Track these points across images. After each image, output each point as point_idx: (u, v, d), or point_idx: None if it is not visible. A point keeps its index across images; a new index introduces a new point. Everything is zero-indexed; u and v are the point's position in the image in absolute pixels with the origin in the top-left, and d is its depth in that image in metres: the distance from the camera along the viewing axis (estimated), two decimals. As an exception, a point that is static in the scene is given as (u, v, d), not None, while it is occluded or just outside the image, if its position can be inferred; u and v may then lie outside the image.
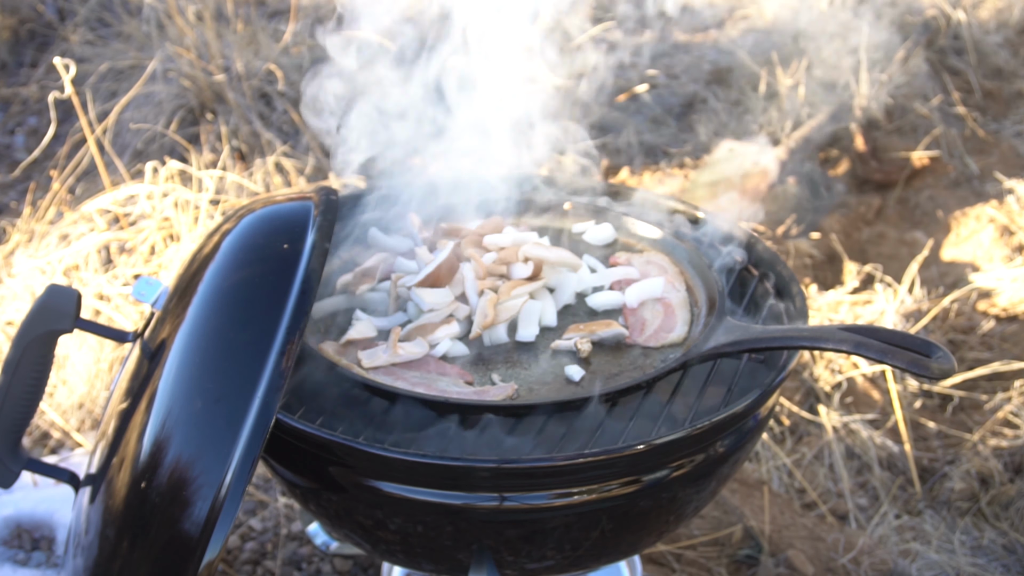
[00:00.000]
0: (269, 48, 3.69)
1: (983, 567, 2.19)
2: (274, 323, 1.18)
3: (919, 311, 2.86)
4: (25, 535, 2.07)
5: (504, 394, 1.29)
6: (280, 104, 3.48)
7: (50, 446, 2.42)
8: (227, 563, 2.04)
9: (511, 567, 1.29)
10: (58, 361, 2.51)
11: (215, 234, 1.40)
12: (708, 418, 1.23)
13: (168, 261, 2.69)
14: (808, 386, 2.65)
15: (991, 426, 2.57)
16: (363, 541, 1.34)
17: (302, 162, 3.24)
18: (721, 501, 2.20)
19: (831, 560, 2.12)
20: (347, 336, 1.40)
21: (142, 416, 1.24)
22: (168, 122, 3.39)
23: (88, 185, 3.22)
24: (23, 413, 1.40)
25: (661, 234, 1.64)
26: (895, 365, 1.21)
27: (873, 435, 2.51)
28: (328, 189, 1.38)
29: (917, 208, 3.59)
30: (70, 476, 1.42)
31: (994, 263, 3.25)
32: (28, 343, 1.36)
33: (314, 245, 1.26)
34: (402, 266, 1.52)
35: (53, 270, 2.71)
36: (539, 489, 1.20)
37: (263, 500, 2.18)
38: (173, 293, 1.37)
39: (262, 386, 1.13)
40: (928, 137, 3.76)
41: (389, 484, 1.22)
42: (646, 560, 2.07)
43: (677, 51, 4.20)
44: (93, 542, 1.25)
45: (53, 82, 3.88)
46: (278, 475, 1.35)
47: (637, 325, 1.45)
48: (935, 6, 4.26)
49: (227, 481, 1.10)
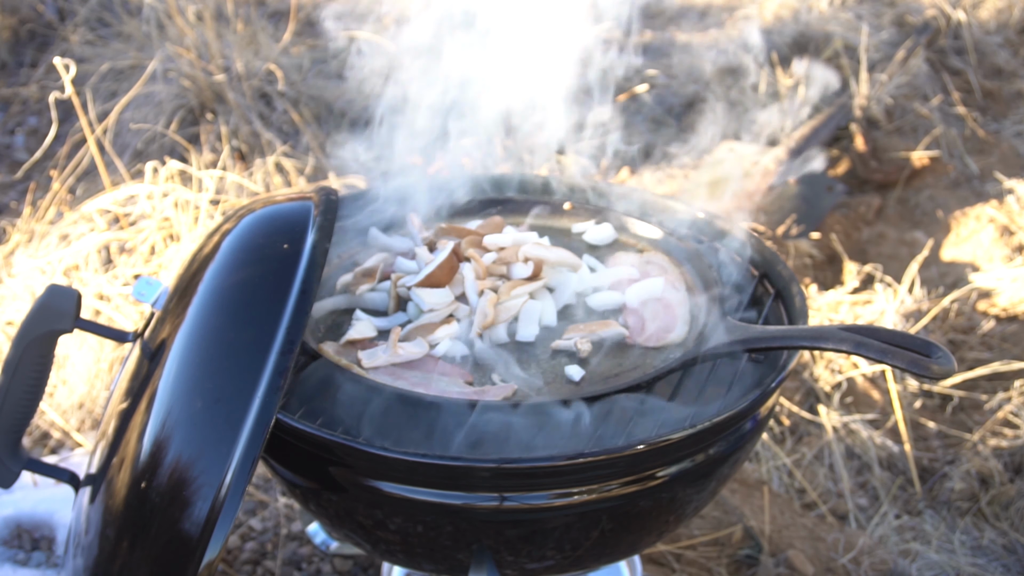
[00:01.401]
0: (269, 48, 3.69)
1: (983, 567, 2.19)
2: (274, 323, 1.18)
3: (919, 311, 2.86)
4: (25, 535, 2.07)
5: (504, 394, 1.29)
6: (280, 104, 3.48)
7: (50, 446, 2.42)
8: (227, 563, 2.04)
9: (511, 567, 1.29)
10: (58, 361, 2.51)
11: (215, 234, 1.40)
12: (708, 418, 1.23)
13: (168, 261, 2.69)
14: (808, 386, 2.65)
15: (991, 426, 2.57)
16: (363, 541, 1.34)
17: (302, 162, 3.24)
18: (721, 501, 2.20)
19: (831, 560, 2.12)
20: (347, 336, 1.40)
21: (142, 416, 1.24)
22: (168, 122, 3.39)
23: (88, 185, 3.22)
24: (23, 413, 1.40)
25: (661, 234, 1.64)
26: (895, 365, 1.21)
27: (873, 435, 2.51)
28: (328, 189, 1.38)
29: (917, 208, 3.59)
30: (70, 476, 1.42)
31: (994, 263, 3.25)
32: (28, 343, 1.36)
33: (314, 245, 1.26)
34: (402, 266, 1.52)
35: (53, 270, 2.71)
36: (539, 489, 1.20)
37: (263, 500, 2.18)
38: (173, 293, 1.37)
39: (262, 386, 1.13)
40: (928, 137, 3.76)
41: (389, 484, 1.22)
42: (646, 560, 2.07)
43: (677, 51, 4.20)
44: (93, 542, 1.25)
45: (53, 82, 3.88)
46: (278, 475, 1.35)
47: (637, 325, 1.45)
48: (935, 6, 4.27)
49: (227, 481, 1.10)
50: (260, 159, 3.22)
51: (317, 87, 3.65)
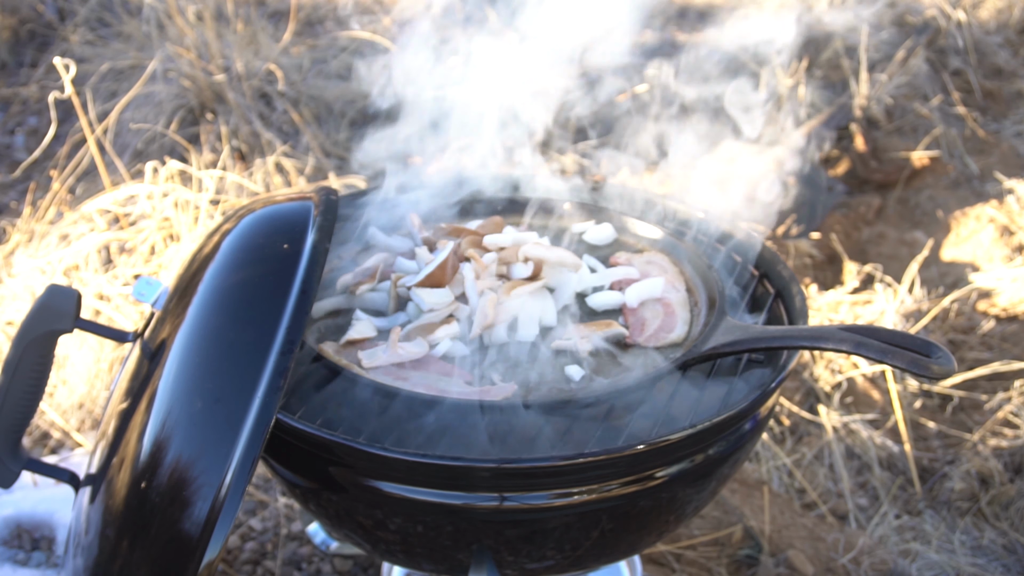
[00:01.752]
0: (269, 48, 3.69)
1: (983, 567, 2.19)
2: (274, 323, 1.17)
3: (919, 311, 2.86)
4: (25, 535, 2.07)
5: (504, 394, 1.29)
6: (280, 104, 3.48)
7: (50, 446, 2.42)
8: (227, 563, 2.04)
9: (511, 567, 1.29)
10: (58, 361, 2.51)
11: (215, 234, 1.40)
12: (708, 418, 1.23)
13: (168, 261, 2.69)
14: (808, 386, 2.65)
15: (991, 426, 2.57)
16: (363, 541, 1.34)
17: (302, 162, 3.24)
18: (721, 501, 2.20)
19: (831, 560, 2.12)
20: (347, 336, 1.40)
21: (142, 416, 1.24)
22: (168, 122, 3.39)
23: (88, 185, 3.22)
24: (23, 413, 1.40)
25: (661, 234, 1.64)
26: (895, 365, 1.21)
27: (873, 435, 2.51)
28: (328, 189, 1.38)
29: (917, 208, 3.59)
30: (70, 476, 1.42)
31: (994, 263, 3.25)
32: (28, 343, 1.36)
33: (314, 245, 1.26)
34: (402, 266, 1.52)
35: (53, 270, 2.71)
36: (539, 489, 1.20)
37: (263, 500, 2.18)
38: (173, 293, 1.37)
39: (262, 386, 1.13)
40: (928, 137, 3.76)
41: (389, 484, 1.22)
42: (646, 560, 2.07)
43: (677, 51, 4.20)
44: (93, 542, 1.25)
45: (53, 82, 3.88)
46: (278, 475, 1.35)
47: (637, 325, 1.45)
48: (935, 6, 4.27)
49: (227, 481, 1.10)
50: (260, 159, 3.22)
51: (317, 87, 3.65)
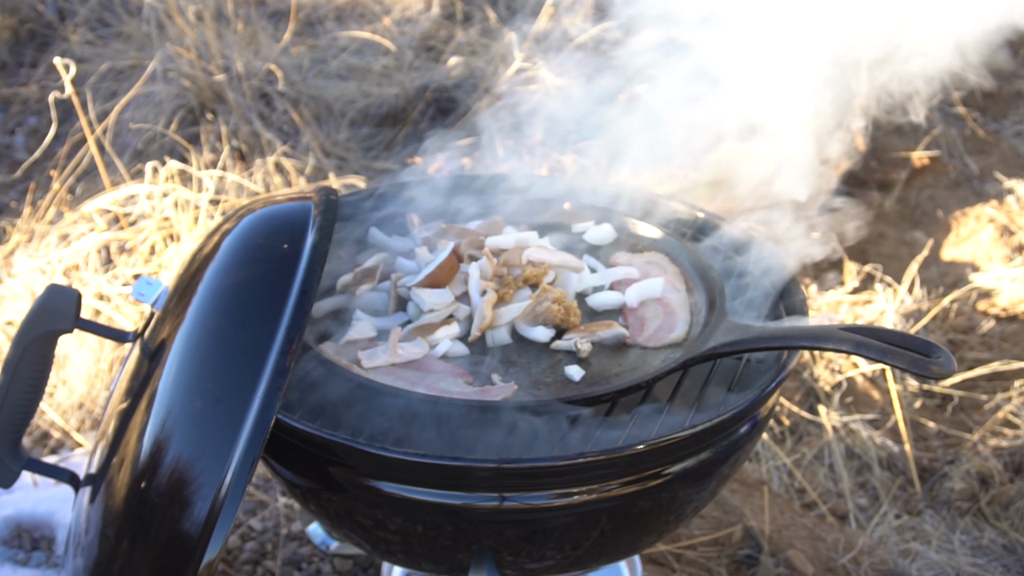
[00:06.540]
0: (269, 48, 3.69)
1: (983, 567, 2.19)
2: (274, 323, 1.18)
3: (919, 311, 2.86)
4: (25, 535, 2.07)
5: (504, 394, 1.29)
6: (280, 104, 3.48)
7: (50, 446, 2.42)
8: (227, 563, 2.04)
9: (511, 567, 1.29)
10: (58, 361, 2.51)
11: (215, 234, 1.40)
12: (708, 418, 1.23)
13: (168, 261, 2.69)
14: (808, 386, 2.65)
15: (991, 426, 2.57)
16: (363, 541, 1.34)
17: (302, 162, 3.24)
18: (721, 501, 2.20)
19: (831, 560, 2.12)
20: (347, 336, 1.40)
21: (142, 416, 1.24)
22: (168, 122, 3.38)
23: (88, 185, 3.22)
24: (23, 413, 1.40)
25: (661, 234, 1.64)
26: (895, 365, 1.21)
27: (873, 435, 2.51)
28: (328, 189, 1.38)
29: (917, 208, 3.59)
30: (70, 476, 1.42)
31: (994, 263, 3.25)
32: (28, 343, 1.36)
33: (314, 245, 1.26)
34: (402, 266, 1.52)
35: (53, 270, 2.71)
36: (539, 489, 1.20)
37: (263, 500, 2.18)
38: (173, 293, 1.37)
39: (262, 386, 1.13)
40: (928, 137, 3.76)
41: (389, 484, 1.22)
42: (646, 560, 2.07)
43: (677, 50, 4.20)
44: (93, 542, 1.26)
45: (53, 82, 3.88)
46: (278, 475, 1.35)
47: (637, 325, 1.45)
48: (935, 6, 4.26)
49: (227, 481, 1.10)
50: (260, 159, 3.21)
51: (317, 87, 3.65)
